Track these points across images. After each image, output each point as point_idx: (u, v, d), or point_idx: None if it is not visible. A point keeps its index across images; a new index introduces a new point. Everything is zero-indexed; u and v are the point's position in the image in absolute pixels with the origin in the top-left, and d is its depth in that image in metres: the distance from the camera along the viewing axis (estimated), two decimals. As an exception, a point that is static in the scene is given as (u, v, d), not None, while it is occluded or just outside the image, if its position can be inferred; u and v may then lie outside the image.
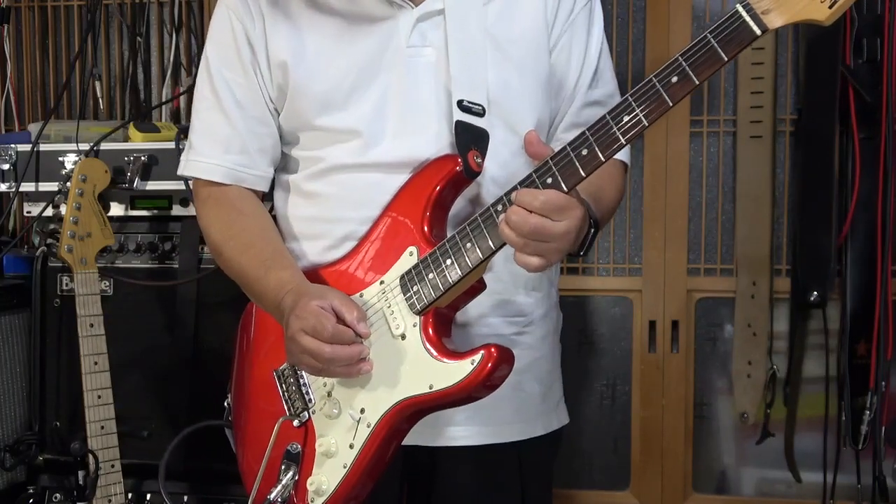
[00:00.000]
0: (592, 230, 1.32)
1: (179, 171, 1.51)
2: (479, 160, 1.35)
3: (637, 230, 2.69)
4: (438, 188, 1.35)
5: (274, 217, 1.53)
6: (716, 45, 1.15)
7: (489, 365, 1.25)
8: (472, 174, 1.35)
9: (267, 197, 1.55)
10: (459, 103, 1.36)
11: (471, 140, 1.35)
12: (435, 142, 1.38)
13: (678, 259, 2.65)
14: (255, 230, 1.45)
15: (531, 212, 1.20)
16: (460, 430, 1.43)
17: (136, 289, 2.31)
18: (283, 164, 1.51)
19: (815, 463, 2.55)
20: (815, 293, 2.48)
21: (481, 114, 1.37)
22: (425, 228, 1.34)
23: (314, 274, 1.42)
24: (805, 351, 2.59)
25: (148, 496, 2.28)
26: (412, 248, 1.34)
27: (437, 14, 1.39)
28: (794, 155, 2.58)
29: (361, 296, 1.36)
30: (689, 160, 2.65)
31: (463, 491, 1.49)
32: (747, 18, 1.14)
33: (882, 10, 2.40)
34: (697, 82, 1.17)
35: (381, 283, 1.35)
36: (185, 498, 2.25)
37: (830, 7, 1.11)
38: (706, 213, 2.67)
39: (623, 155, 1.44)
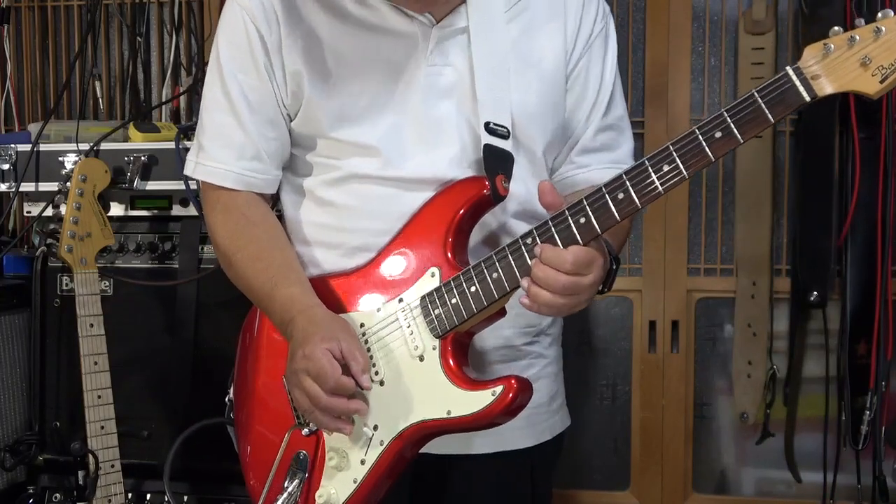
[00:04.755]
0: (615, 266, 1.32)
1: (188, 172, 1.48)
2: (506, 184, 1.34)
3: (637, 230, 2.69)
4: (463, 211, 1.33)
5: (280, 217, 1.51)
6: (763, 104, 1.14)
7: (510, 396, 1.25)
8: (498, 198, 1.34)
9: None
10: (486, 125, 1.34)
11: (498, 164, 1.34)
12: (458, 162, 1.37)
13: (678, 259, 2.66)
14: (264, 241, 1.43)
15: (560, 271, 1.21)
16: (473, 438, 1.41)
17: (136, 289, 2.30)
18: (295, 167, 1.48)
19: (815, 463, 2.55)
20: (815, 293, 2.48)
21: (506, 136, 1.36)
22: (448, 250, 1.33)
23: (330, 283, 1.40)
24: (805, 351, 2.59)
25: (148, 496, 2.28)
26: (434, 270, 1.33)
27: (460, 32, 1.37)
28: (794, 155, 2.58)
29: (379, 311, 1.35)
30: (689, 160, 2.65)
31: (476, 499, 1.49)
32: (797, 82, 1.14)
33: (882, 10, 2.40)
34: (742, 141, 1.16)
35: (401, 300, 1.34)
36: (186, 498, 2.25)
37: (881, 82, 1.11)
38: (706, 213, 2.67)
39: None
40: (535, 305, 1.24)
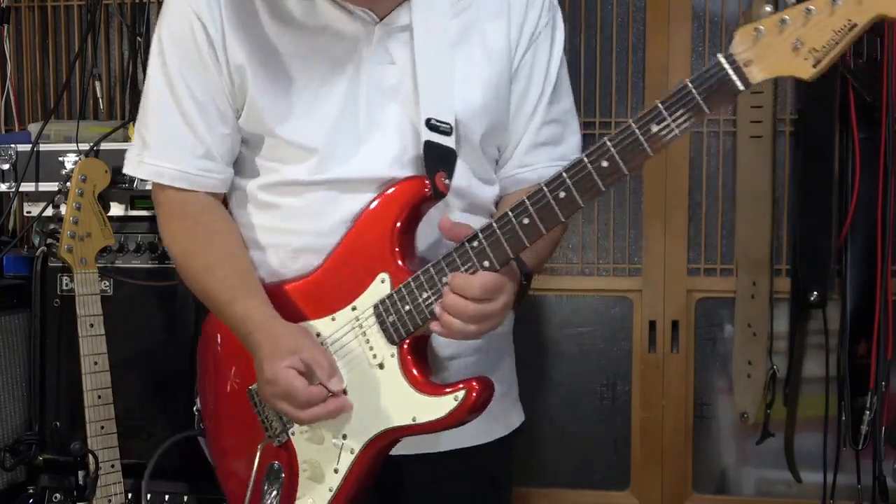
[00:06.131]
0: (525, 282, 1.32)
1: (130, 170, 1.43)
2: (447, 181, 1.33)
3: (637, 230, 2.69)
4: (406, 210, 1.32)
5: None
6: (697, 95, 1.12)
7: (473, 396, 1.26)
8: (439, 196, 1.33)
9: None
10: (428, 122, 1.33)
11: (439, 161, 1.33)
12: (397, 161, 1.35)
13: (678, 259, 2.65)
14: (220, 249, 1.41)
15: (468, 298, 1.22)
16: (426, 437, 1.39)
17: (136, 289, 2.31)
18: (240, 168, 1.46)
19: (815, 463, 2.55)
20: (816, 293, 2.48)
21: (448, 132, 1.34)
22: (395, 254, 1.32)
23: (283, 291, 1.39)
24: (805, 351, 2.59)
25: (148, 496, 2.28)
26: (384, 275, 1.32)
27: (402, 30, 1.36)
28: (794, 155, 2.58)
29: (333, 319, 1.34)
30: (689, 160, 2.65)
31: (431, 498, 1.49)
32: (729, 70, 1.11)
33: (882, 9, 2.40)
34: (679, 134, 1.14)
35: (354, 308, 1.33)
36: (186, 498, 2.25)
37: (815, 66, 1.08)
38: (706, 213, 2.67)
39: None
40: (446, 331, 1.26)
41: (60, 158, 2.33)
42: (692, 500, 2.68)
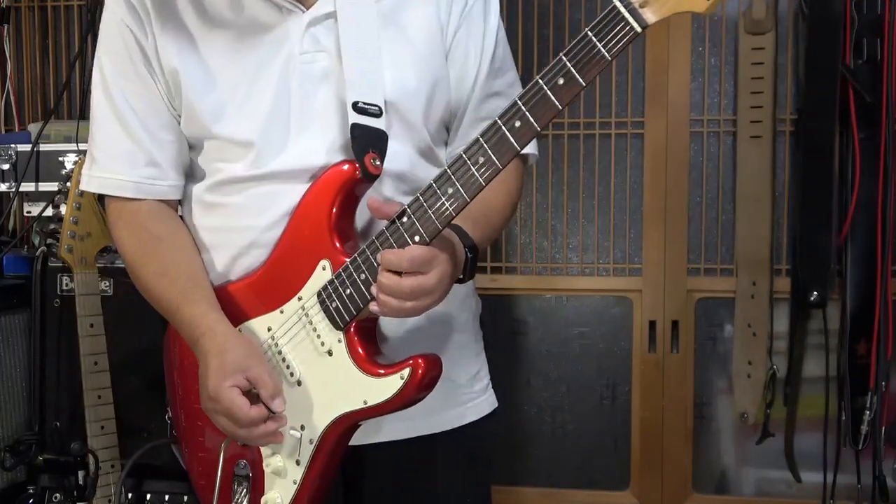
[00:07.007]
0: (470, 255, 1.31)
1: (83, 187, 1.46)
2: (378, 162, 1.32)
3: (637, 230, 2.69)
4: (340, 196, 1.32)
5: None
6: (597, 42, 1.13)
7: (419, 374, 1.26)
8: (370, 177, 1.32)
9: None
10: (355, 105, 1.33)
11: (368, 142, 1.33)
12: (332, 148, 1.35)
13: (678, 259, 2.66)
14: (169, 256, 1.42)
15: (402, 273, 1.22)
16: (388, 425, 1.40)
17: (136, 289, 2.30)
18: (188, 174, 1.47)
19: (815, 463, 2.55)
20: (816, 293, 2.48)
21: (378, 114, 1.34)
22: (334, 239, 1.32)
23: (232, 290, 1.39)
24: (805, 351, 2.59)
25: (148, 496, 2.28)
26: (324, 262, 1.32)
27: (327, 17, 1.36)
28: (794, 155, 2.58)
29: (282, 312, 1.35)
30: (689, 160, 2.65)
31: (396, 487, 1.48)
32: (625, 13, 1.11)
33: (882, 10, 2.40)
34: (584, 84, 1.14)
35: (300, 298, 1.34)
36: (186, 498, 2.25)
37: None
38: (706, 213, 2.67)
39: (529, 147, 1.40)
40: (385, 310, 1.25)
41: (60, 158, 2.33)
42: (692, 500, 2.68)
